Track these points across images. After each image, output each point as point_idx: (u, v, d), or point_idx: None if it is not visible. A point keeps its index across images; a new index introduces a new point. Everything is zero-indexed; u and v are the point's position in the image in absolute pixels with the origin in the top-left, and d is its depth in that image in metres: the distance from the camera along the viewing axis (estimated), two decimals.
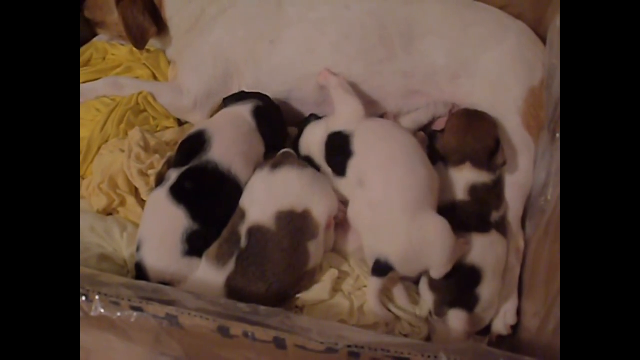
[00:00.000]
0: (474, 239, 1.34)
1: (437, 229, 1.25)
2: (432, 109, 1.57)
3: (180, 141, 1.47)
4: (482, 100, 1.51)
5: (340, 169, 1.36)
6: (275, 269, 1.23)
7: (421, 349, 0.92)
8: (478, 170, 1.39)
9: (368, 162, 1.33)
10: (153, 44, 1.75)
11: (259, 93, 1.54)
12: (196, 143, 1.39)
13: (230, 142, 1.40)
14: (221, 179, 1.35)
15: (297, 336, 0.94)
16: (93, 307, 1.00)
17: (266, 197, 1.31)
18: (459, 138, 1.41)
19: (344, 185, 1.36)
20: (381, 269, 1.25)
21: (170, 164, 1.42)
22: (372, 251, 1.28)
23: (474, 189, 1.39)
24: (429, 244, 1.24)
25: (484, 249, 1.33)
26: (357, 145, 1.35)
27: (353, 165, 1.33)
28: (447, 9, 1.57)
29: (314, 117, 1.54)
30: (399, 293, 1.35)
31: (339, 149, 1.38)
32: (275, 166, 1.34)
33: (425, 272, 1.33)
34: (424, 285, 1.35)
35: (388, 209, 1.26)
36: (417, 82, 1.56)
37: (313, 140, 1.47)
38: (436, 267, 1.27)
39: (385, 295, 1.34)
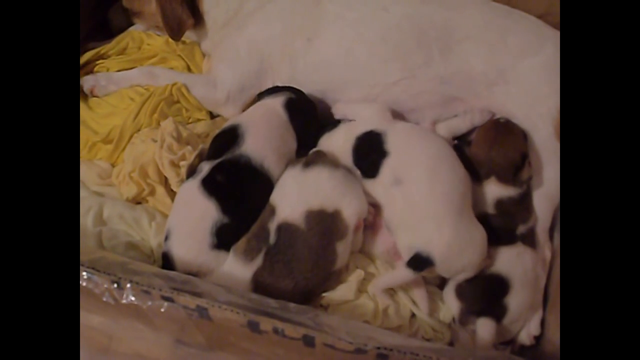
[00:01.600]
0: (500, 250, 1.34)
1: (481, 236, 1.27)
2: (470, 117, 1.55)
3: (213, 134, 1.48)
4: (517, 108, 1.50)
5: (371, 169, 1.36)
6: (303, 267, 1.24)
7: (450, 354, 0.93)
8: (503, 185, 1.38)
9: (409, 160, 1.33)
10: (189, 35, 1.76)
11: (291, 87, 1.54)
12: (230, 137, 1.40)
13: (264, 136, 1.40)
14: (253, 173, 1.35)
15: (327, 335, 0.94)
16: (124, 294, 1.01)
17: (297, 195, 1.31)
18: (485, 151, 1.40)
19: (374, 186, 1.36)
20: (420, 263, 1.25)
21: (202, 157, 1.42)
22: (411, 247, 1.27)
23: (500, 203, 1.38)
24: (471, 247, 1.26)
25: (510, 260, 1.34)
26: (392, 144, 1.36)
27: (388, 165, 1.34)
28: (486, 16, 1.55)
29: (331, 126, 1.52)
30: (421, 297, 1.35)
31: (371, 149, 1.38)
32: (307, 165, 1.34)
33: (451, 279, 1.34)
34: (449, 293, 1.35)
35: (432, 205, 1.27)
36: (454, 88, 1.55)
37: (333, 149, 1.45)
38: (464, 272, 1.29)
39: (410, 298, 1.34)
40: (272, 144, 1.40)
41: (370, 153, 1.38)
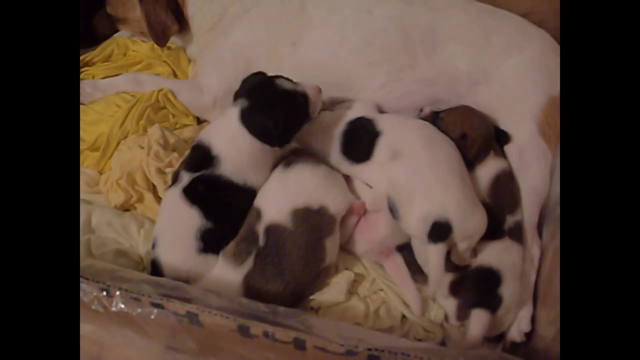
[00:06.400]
0: (488, 244, 1.35)
1: (480, 207, 1.32)
2: None
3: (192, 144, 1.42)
4: (500, 107, 1.52)
5: (365, 151, 1.37)
6: (293, 267, 1.24)
7: (441, 354, 0.93)
8: (499, 157, 1.43)
9: (402, 134, 1.37)
10: (174, 41, 1.76)
11: (250, 88, 1.38)
12: (206, 155, 1.33)
13: (239, 162, 1.33)
14: (236, 189, 1.33)
15: (318, 337, 0.94)
16: (114, 302, 1.01)
17: (281, 195, 1.31)
18: (478, 132, 1.43)
19: (368, 169, 1.37)
20: (441, 231, 1.26)
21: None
22: (426, 219, 1.26)
23: (497, 181, 1.41)
24: (478, 207, 1.30)
25: (499, 253, 1.35)
26: (383, 125, 1.39)
27: (383, 142, 1.36)
28: (470, 16, 1.57)
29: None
30: (412, 298, 1.35)
31: (363, 131, 1.40)
32: (288, 164, 1.35)
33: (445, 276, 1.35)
34: (443, 292, 1.35)
35: (436, 169, 1.30)
36: (438, 89, 1.56)
37: None
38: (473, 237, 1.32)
39: (401, 299, 1.35)
40: (249, 163, 1.34)
41: (362, 135, 1.39)
